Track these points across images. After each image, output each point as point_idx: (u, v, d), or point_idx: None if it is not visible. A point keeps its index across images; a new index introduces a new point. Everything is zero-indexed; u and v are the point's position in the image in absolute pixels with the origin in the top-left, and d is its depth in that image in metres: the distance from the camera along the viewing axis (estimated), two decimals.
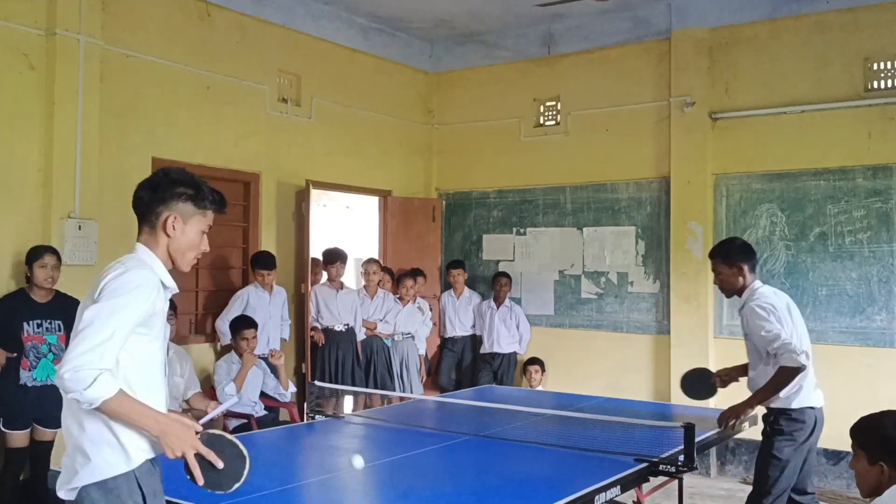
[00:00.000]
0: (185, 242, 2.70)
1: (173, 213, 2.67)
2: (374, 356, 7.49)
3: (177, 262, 2.75)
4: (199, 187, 2.71)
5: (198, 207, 2.70)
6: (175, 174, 2.74)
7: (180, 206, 2.68)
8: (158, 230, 2.70)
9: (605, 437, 3.98)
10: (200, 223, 2.72)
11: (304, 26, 7.44)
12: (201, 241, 2.75)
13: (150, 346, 2.59)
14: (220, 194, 2.78)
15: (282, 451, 4.26)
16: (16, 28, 5.42)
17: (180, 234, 2.68)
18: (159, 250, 2.72)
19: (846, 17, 6.76)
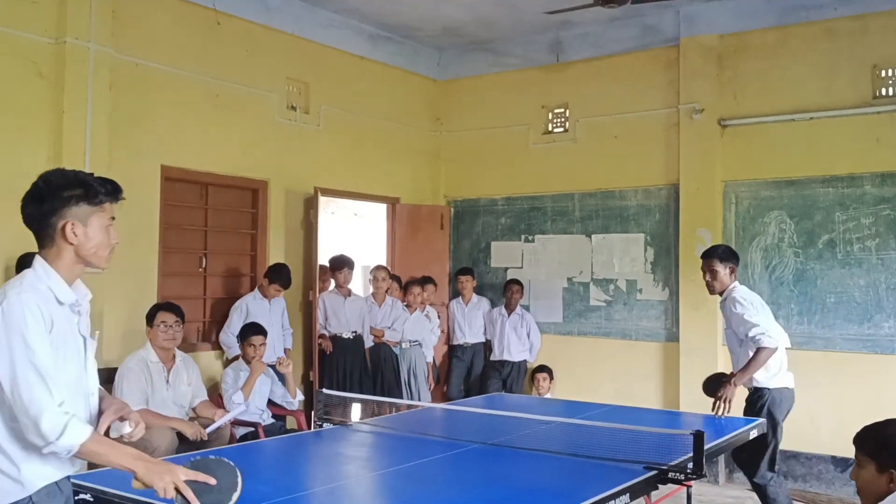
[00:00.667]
0: (93, 244, 2.55)
1: (68, 219, 2.50)
2: (382, 364, 7.48)
3: (92, 264, 2.62)
4: (87, 184, 2.54)
5: (92, 205, 2.53)
6: (56, 179, 2.56)
7: (74, 210, 2.51)
8: (59, 240, 2.52)
9: (613, 445, 3.96)
10: (101, 219, 2.55)
11: (312, 34, 7.47)
12: (108, 235, 2.59)
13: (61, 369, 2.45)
14: (111, 182, 2.60)
15: (289, 459, 4.26)
16: (25, 36, 5.46)
17: (84, 237, 2.52)
18: (64, 260, 2.54)
19: (854, 24, 6.75)
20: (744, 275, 7.14)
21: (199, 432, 5.06)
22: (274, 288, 6.62)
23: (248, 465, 3.98)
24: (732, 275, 5.26)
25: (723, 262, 5.22)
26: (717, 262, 5.22)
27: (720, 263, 5.21)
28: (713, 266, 5.23)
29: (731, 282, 5.25)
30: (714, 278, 5.23)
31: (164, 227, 6.32)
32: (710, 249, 5.40)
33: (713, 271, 5.23)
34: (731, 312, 5.13)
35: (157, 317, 5.27)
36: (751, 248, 7.13)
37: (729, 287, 5.22)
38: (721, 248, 5.44)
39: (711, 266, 5.23)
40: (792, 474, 6.73)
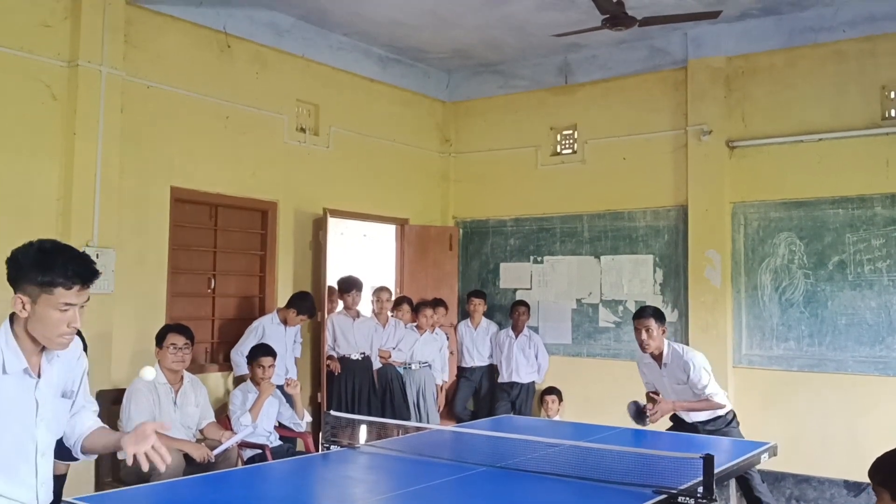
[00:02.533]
0: (40, 324, 2.48)
1: (19, 295, 2.48)
2: (389, 385, 7.46)
3: (42, 343, 2.55)
4: (45, 265, 2.46)
5: (41, 287, 2.46)
6: (20, 255, 2.52)
7: (26, 288, 2.47)
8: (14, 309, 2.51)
9: (623, 468, 3.93)
10: (50, 302, 2.46)
11: (322, 57, 7.52)
12: (61, 319, 2.49)
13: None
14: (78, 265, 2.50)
15: (296, 482, 4.23)
16: (39, 59, 5.52)
17: (31, 315, 2.48)
18: (20, 328, 2.53)
19: (863, 45, 6.76)
20: (753, 297, 7.13)
21: (206, 454, 5.04)
22: (300, 319, 6.63)
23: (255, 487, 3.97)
24: (664, 334, 5.48)
25: (657, 321, 5.39)
26: (653, 321, 5.38)
27: (655, 323, 5.37)
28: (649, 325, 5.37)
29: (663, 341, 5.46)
30: (650, 336, 5.38)
31: (173, 248, 6.34)
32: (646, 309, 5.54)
33: (649, 330, 5.38)
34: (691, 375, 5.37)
35: (167, 338, 5.28)
36: (760, 269, 7.11)
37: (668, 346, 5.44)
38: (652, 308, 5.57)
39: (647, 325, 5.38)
40: (804, 498, 6.66)
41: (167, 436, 5.07)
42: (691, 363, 5.38)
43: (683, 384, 5.42)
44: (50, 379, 2.65)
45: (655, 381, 5.62)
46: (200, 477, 4.15)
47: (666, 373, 5.48)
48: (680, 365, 5.41)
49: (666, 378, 5.50)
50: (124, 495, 3.77)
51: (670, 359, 5.44)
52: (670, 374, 5.47)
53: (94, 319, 5.58)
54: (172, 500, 3.67)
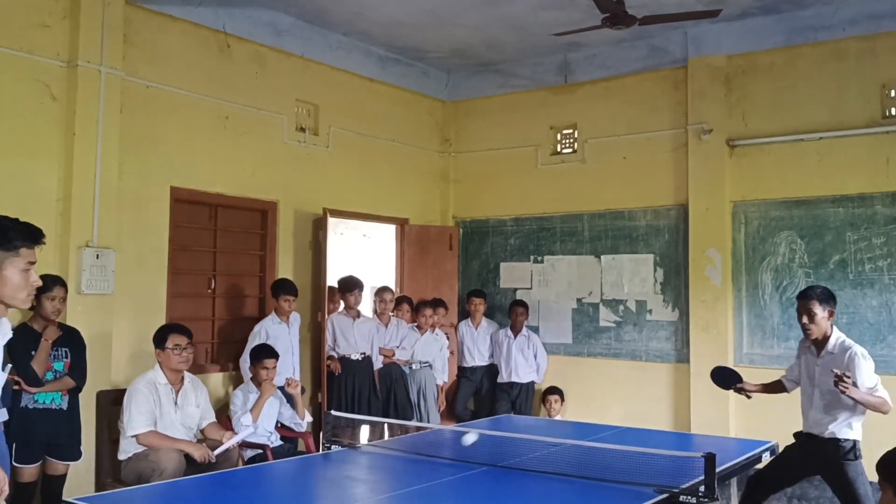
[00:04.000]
0: (8, 288, 2.70)
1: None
2: (393, 384, 7.45)
3: (10, 305, 2.77)
4: (2, 230, 2.69)
5: (6, 250, 2.68)
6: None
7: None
8: None
9: (624, 468, 3.92)
10: (16, 264, 2.71)
11: (322, 57, 7.51)
12: (26, 279, 2.73)
13: None
14: (29, 227, 2.76)
15: (297, 482, 4.23)
16: (38, 59, 5.51)
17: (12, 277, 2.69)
18: None
19: (863, 44, 6.75)
20: (754, 295, 7.12)
21: (207, 454, 5.03)
22: (283, 300, 6.59)
23: (256, 487, 3.96)
24: (831, 319, 4.78)
25: (822, 304, 4.73)
26: (817, 303, 4.72)
27: (820, 306, 4.72)
28: (812, 308, 4.72)
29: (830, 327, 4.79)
30: (812, 321, 4.74)
31: (173, 249, 6.34)
32: (808, 290, 4.88)
33: (811, 314, 4.73)
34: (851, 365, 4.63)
35: (169, 339, 5.26)
36: (761, 268, 7.10)
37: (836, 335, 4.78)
38: (819, 288, 4.91)
39: (810, 308, 4.73)
40: (805, 497, 6.65)
41: (168, 436, 5.08)
42: (858, 357, 4.63)
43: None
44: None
45: (807, 371, 4.90)
46: (201, 477, 4.14)
47: (823, 364, 4.76)
48: (842, 359, 4.67)
49: (819, 370, 4.78)
50: (125, 495, 3.76)
51: (836, 349, 4.72)
52: (826, 367, 4.71)
53: (94, 320, 5.58)
54: (173, 500, 3.67)
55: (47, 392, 5.03)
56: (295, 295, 6.64)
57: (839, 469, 4.63)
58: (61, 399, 5.10)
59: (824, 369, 4.70)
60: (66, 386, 5.11)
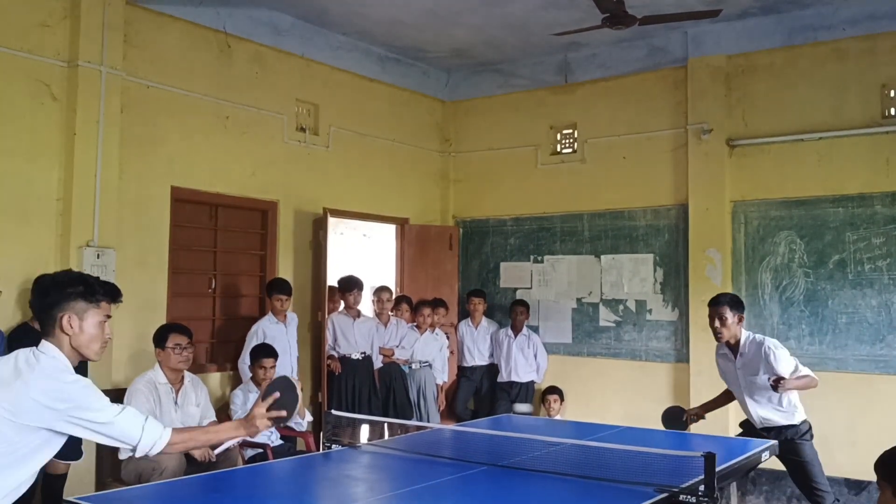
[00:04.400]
0: (86, 337, 2.88)
1: (68, 312, 2.85)
2: (393, 383, 7.46)
3: (84, 355, 2.92)
4: (88, 283, 2.91)
5: (90, 303, 2.88)
6: (61, 277, 2.96)
7: (73, 305, 2.86)
8: (57, 330, 2.86)
9: (624, 467, 3.92)
10: (96, 316, 2.90)
11: (322, 57, 7.52)
12: (102, 331, 2.92)
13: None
14: (111, 285, 3.00)
15: (298, 481, 4.23)
16: (39, 59, 5.52)
17: (78, 330, 2.86)
18: (64, 348, 2.87)
19: (863, 44, 6.76)
20: (754, 295, 7.12)
21: (208, 454, 5.04)
22: (276, 300, 6.60)
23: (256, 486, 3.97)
24: (741, 323, 5.21)
25: (732, 309, 5.16)
26: (728, 309, 5.14)
27: (730, 311, 5.14)
28: (723, 313, 5.14)
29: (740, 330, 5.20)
30: (723, 325, 5.14)
31: (173, 248, 6.34)
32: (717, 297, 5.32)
33: (722, 318, 5.14)
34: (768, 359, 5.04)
35: (169, 338, 5.27)
36: (761, 268, 7.11)
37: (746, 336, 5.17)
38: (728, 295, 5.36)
39: (720, 313, 5.14)
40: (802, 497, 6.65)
41: None
42: (771, 350, 5.03)
43: (761, 376, 5.08)
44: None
45: (728, 376, 5.35)
46: (201, 476, 4.15)
47: (741, 365, 5.18)
48: (758, 354, 5.07)
49: (741, 371, 5.19)
50: (125, 495, 3.76)
51: (747, 348, 5.13)
52: (746, 367, 5.15)
53: None
54: (174, 499, 3.67)
55: None
56: (288, 294, 6.65)
57: (797, 449, 5.06)
58: None
59: (745, 369, 5.13)
60: None
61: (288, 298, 6.65)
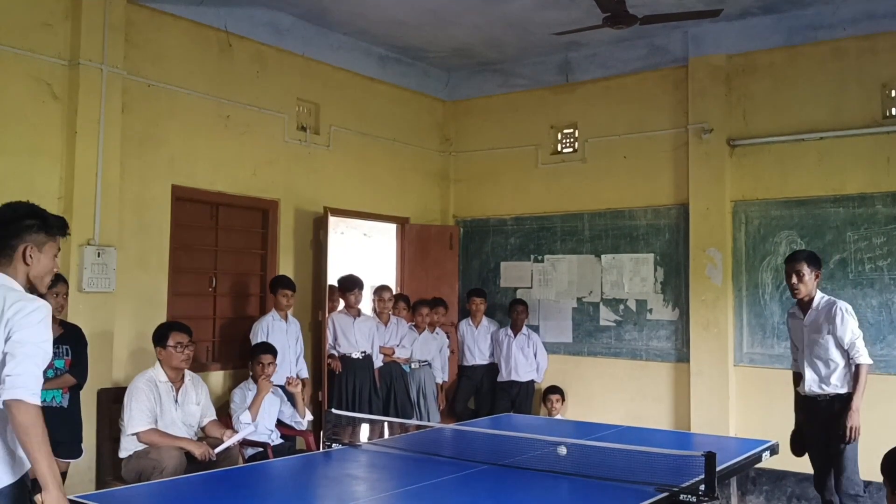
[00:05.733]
0: (42, 268, 2.97)
1: (28, 244, 2.92)
2: (393, 383, 7.46)
3: (36, 286, 2.99)
4: (44, 217, 2.98)
5: (48, 235, 2.98)
6: (22, 208, 2.98)
7: (33, 237, 2.93)
8: (16, 261, 2.92)
9: (624, 466, 3.93)
10: (52, 249, 3.00)
11: (323, 56, 7.52)
12: (53, 264, 3.02)
13: None
14: (61, 219, 3.06)
15: (298, 480, 4.24)
16: (40, 58, 5.51)
17: (37, 261, 2.94)
18: (20, 278, 2.92)
19: (863, 43, 6.75)
20: (754, 295, 7.13)
21: (208, 452, 5.05)
22: (282, 295, 6.60)
23: (257, 485, 3.97)
24: (817, 280, 5.18)
25: (810, 265, 5.10)
26: (805, 265, 5.09)
27: (808, 267, 5.09)
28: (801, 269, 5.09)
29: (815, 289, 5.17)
30: (800, 280, 5.09)
31: (174, 247, 6.34)
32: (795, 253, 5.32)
33: (800, 274, 5.09)
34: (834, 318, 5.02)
35: (170, 337, 5.28)
36: (761, 267, 7.11)
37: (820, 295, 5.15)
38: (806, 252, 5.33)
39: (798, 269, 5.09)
40: (805, 497, 6.66)
41: (169, 434, 5.09)
42: (841, 311, 5.01)
43: (824, 335, 5.06)
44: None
45: (795, 335, 5.32)
46: (202, 475, 4.15)
47: (809, 321, 5.15)
48: (828, 312, 5.06)
49: (807, 329, 5.16)
50: (125, 493, 3.77)
51: (820, 306, 5.11)
52: (812, 324, 5.13)
53: (95, 318, 5.59)
54: (174, 498, 3.68)
55: (47, 390, 5.03)
56: (293, 290, 6.66)
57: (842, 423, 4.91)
58: (62, 397, 5.11)
59: (811, 327, 5.10)
60: (67, 383, 5.12)
61: (292, 294, 6.66)
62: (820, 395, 5.08)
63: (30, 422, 2.73)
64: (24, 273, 2.93)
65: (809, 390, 5.12)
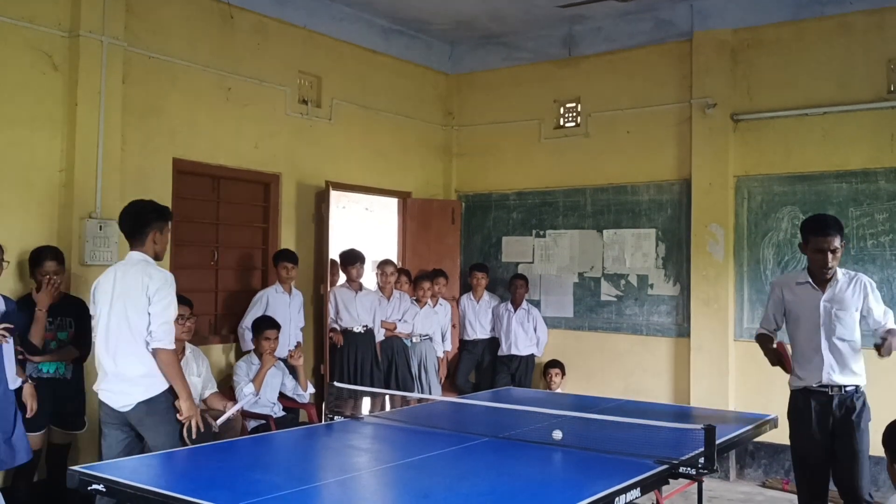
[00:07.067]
0: (162, 246, 4.41)
1: (154, 230, 4.35)
2: (395, 357, 7.49)
3: (158, 257, 4.41)
4: (161, 210, 4.44)
5: (165, 222, 4.42)
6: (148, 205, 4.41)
7: (158, 224, 4.37)
8: (148, 242, 4.34)
9: (624, 439, 3.95)
10: (168, 231, 4.46)
11: (325, 28, 7.47)
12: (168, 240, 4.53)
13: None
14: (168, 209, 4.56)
15: (300, 451, 4.27)
16: (40, 29, 5.48)
17: (160, 241, 4.39)
18: (150, 253, 4.35)
19: (870, 18, 6.70)
20: (755, 270, 7.13)
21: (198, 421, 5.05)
22: (283, 267, 6.62)
23: (259, 456, 4.00)
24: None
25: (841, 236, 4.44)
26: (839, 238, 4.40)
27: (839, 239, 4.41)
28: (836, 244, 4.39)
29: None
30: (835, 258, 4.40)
31: (175, 221, 6.30)
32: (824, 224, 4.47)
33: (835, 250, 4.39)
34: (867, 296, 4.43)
35: None
36: (763, 243, 7.11)
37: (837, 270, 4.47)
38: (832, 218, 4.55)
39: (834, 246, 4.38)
40: None
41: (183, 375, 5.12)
42: (872, 287, 4.42)
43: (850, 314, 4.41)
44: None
45: (801, 309, 4.51)
46: (205, 446, 4.18)
47: (830, 297, 4.44)
48: (857, 288, 4.42)
49: (826, 307, 4.44)
50: (128, 465, 3.80)
51: (843, 279, 4.44)
52: (835, 301, 4.43)
53: None
54: (177, 469, 3.70)
55: (51, 362, 5.06)
56: (294, 262, 6.68)
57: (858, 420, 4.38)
58: (65, 368, 5.14)
59: (836, 303, 4.41)
60: (71, 355, 5.14)
61: (294, 267, 6.68)
62: (835, 387, 4.41)
63: (168, 360, 4.19)
64: (153, 251, 4.33)
65: (828, 380, 4.42)
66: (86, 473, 3.31)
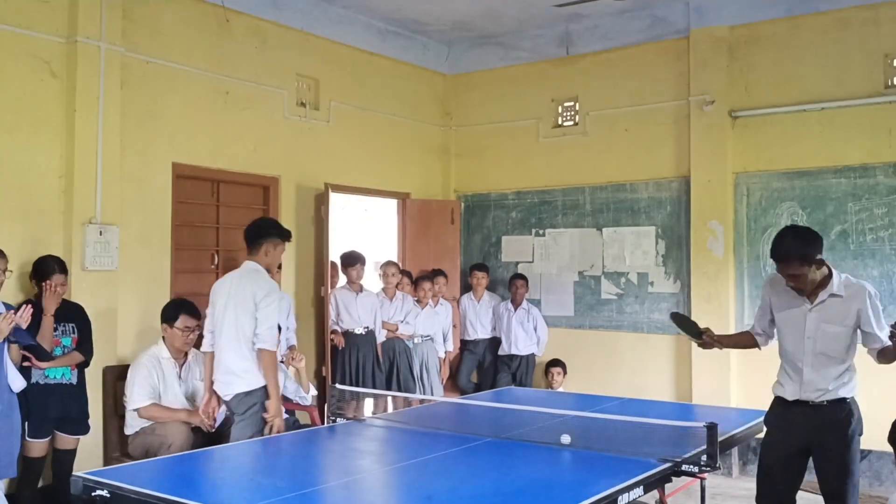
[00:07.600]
0: (272, 259, 4.93)
1: (268, 244, 4.86)
2: (396, 358, 7.50)
3: (270, 270, 4.91)
4: (280, 228, 5.00)
5: (281, 239, 4.93)
6: (268, 222, 5.18)
7: (272, 239, 4.88)
8: (261, 254, 4.85)
9: (626, 438, 3.96)
10: (280, 247, 4.94)
11: (322, 30, 7.47)
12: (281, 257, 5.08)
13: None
14: (287, 230, 5.04)
15: (303, 454, 4.27)
16: (37, 36, 5.48)
17: (271, 255, 4.91)
18: (262, 264, 4.84)
19: (866, 13, 6.71)
20: (755, 267, 7.14)
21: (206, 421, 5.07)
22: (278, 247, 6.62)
23: (262, 459, 4.01)
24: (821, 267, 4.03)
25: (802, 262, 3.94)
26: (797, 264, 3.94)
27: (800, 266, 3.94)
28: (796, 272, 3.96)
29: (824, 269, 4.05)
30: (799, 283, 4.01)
31: (176, 225, 6.34)
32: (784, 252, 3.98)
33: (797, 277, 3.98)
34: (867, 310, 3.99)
35: (180, 319, 5.31)
36: (763, 239, 7.11)
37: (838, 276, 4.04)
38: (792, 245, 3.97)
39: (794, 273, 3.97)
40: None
41: (169, 408, 5.14)
42: (868, 296, 3.95)
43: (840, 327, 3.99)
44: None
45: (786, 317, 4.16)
46: (208, 450, 4.19)
47: (818, 312, 4.02)
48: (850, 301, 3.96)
49: (812, 317, 4.02)
50: (133, 469, 3.80)
51: (840, 290, 3.98)
52: (826, 313, 4.00)
53: (98, 296, 5.61)
54: (181, 473, 3.71)
55: (57, 367, 5.07)
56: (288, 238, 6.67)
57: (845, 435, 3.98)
58: (71, 374, 5.15)
59: (823, 315, 4.01)
60: (75, 360, 5.16)
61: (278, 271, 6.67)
62: (822, 399, 4.02)
63: (270, 361, 4.66)
64: (265, 262, 4.82)
65: (804, 395, 4.05)
66: (89, 479, 3.31)
